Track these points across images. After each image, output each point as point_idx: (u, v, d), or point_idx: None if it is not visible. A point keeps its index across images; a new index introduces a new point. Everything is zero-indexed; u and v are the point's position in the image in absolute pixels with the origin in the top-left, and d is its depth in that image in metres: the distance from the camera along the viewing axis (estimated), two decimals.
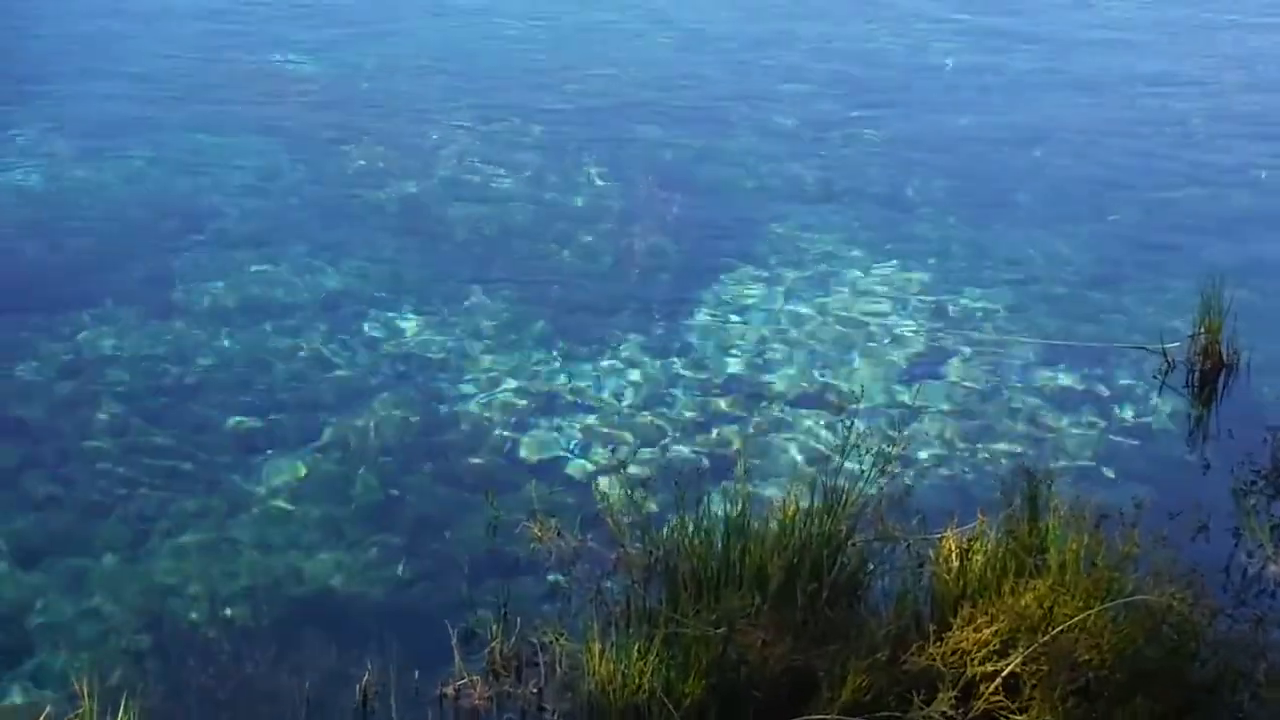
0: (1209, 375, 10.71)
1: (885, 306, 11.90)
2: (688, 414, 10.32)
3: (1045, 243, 13.06)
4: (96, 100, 15.86)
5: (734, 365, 10.99)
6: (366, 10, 19.37)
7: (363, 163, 14.47)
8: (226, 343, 11.10)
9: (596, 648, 7.06)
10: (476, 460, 9.74)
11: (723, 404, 10.46)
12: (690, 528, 7.56)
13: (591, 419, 10.23)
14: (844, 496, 7.57)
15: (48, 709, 7.25)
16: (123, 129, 15.06)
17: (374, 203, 13.63)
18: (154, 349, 10.97)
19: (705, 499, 7.79)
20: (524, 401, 10.42)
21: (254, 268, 12.28)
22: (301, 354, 10.98)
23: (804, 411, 10.35)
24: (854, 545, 7.57)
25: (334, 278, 12.16)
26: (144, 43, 17.78)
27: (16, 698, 7.58)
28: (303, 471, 9.52)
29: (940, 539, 7.61)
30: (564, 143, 15.05)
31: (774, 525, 7.48)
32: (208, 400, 10.33)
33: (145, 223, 13.13)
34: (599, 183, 14.16)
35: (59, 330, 11.13)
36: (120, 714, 6.74)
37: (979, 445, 10.04)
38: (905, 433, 9.82)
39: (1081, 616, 6.80)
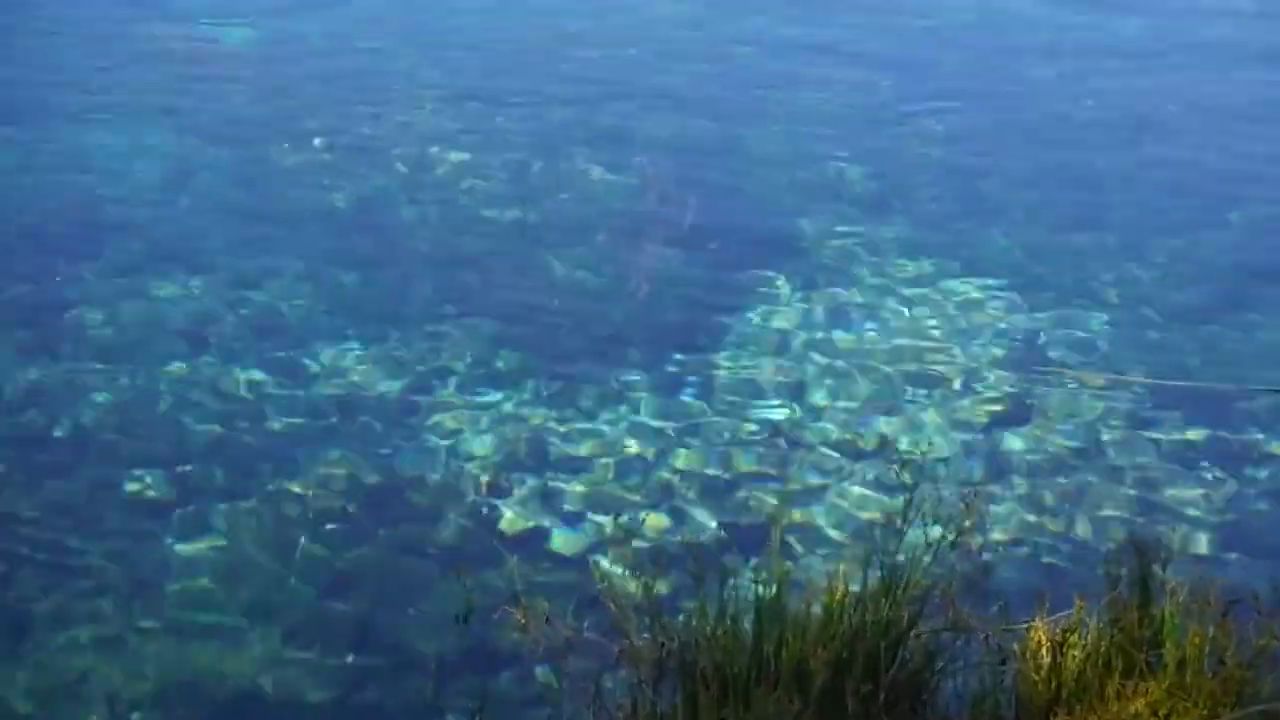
0: None
1: (954, 337, 11.91)
2: (708, 472, 10.31)
3: (1153, 258, 13.07)
4: None
5: (765, 410, 10.99)
6: None
7: (301, 159, 14.51)
8: (128, 383, 11.09)
9: None
10: (444, 529, 9.73)
11: (752, 459, 10.45)
12: (712, 614, 7.54)
13: (588, 478, 10.22)
14: (905, 576, 7.54)
15: None
16: (1, 117, 15.13)
17: (315, 208, 13.67)
18: (37, 391, 10.96)
19: (731, 578, 7.77)
20: (503, 457, 10.41)
21: (163, 290, 12.29)
22: (223, 397, 10.98)
23: (854, 469, 10.34)
24: (918, 637, 7.54)
25: (264, 302, 12.17)
26: (31, 11, 17.87)
27: None
28: (225, 543, 9.50)
29: (1027, 629, 7.59)
30: (552, 133, 15.10)
31: (817, 611, 7.45)
32: (105, 455, 10.32)
33: (27, 234, 13.15)
34: (595, 183, 14.19)
35: None
36: None
37: (1075, 513, 10.03)
38: (982, 496, 9.79)
39: None
